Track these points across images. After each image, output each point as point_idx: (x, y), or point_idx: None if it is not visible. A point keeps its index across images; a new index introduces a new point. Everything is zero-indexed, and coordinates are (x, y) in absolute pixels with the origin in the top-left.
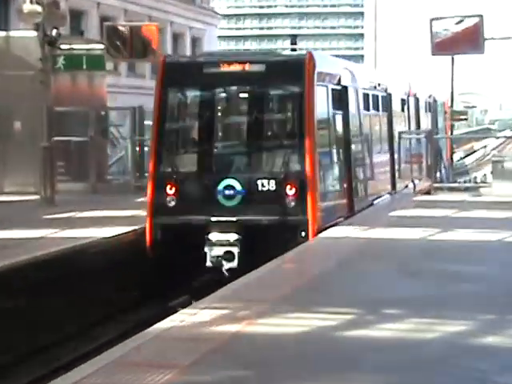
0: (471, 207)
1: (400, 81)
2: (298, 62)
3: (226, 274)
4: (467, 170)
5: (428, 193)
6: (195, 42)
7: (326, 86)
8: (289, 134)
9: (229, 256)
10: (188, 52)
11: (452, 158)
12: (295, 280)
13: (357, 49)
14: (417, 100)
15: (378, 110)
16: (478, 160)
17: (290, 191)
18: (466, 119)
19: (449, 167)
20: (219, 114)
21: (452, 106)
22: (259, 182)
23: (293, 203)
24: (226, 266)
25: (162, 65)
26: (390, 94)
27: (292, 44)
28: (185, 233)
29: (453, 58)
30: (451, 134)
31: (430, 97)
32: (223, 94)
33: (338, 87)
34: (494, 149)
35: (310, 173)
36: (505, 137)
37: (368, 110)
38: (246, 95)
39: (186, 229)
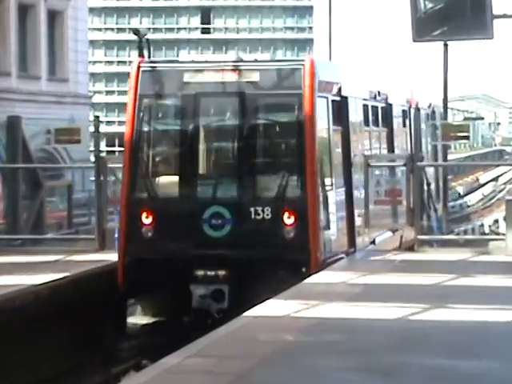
0: (474, 272)
1: (400, 86)
2: (297, 70)
3: (216, 315)
4: (469, 215)
5: (410, 249)
6: (54, 17)
7: (327, 98)
8: (286, 153)
9: (218, 295)
10: (43, 34)
11: (446, 197)
12: None
13: (302, 29)
14: (418, 111)
15: (377, 125)
16: (485, 199)
17: (289, 220)
18: (467, 137)
19: (441, 210)
20: (204, 130)
21: (445, 116)
22: (252, 210)
23: (292, 234)
24: (215, 307)
25: (137, 71)
26: (390, 105)
27: (204, 23)
28: (165, 269)
29: (446, 45)
30: (444, 159)
31: (429, 106)
32: (209, 107)
33: (338, 98)
34: (507, 182)
35: (311, 198)
36: None
37: (368, 125)
38: (236, 108)
39: (165, 264)
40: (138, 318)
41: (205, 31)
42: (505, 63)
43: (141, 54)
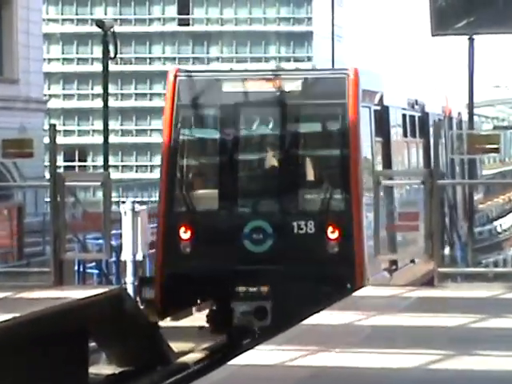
0: (506, 312)
1: (435, 93)
2: (340, 80)
3: (258, 333)
4: (500, 243)
5: (429, 283)
6: (0, 6)
7: (369, 108)
8: (330, 165)
9: (260, 312)
10: None
11: (472, 221)
12: None
13: (299, 21)
14: (451, 121)
15: (415, 136)
16: None
17: (333, 235)
18: (497, 149)
19: (467, 237)
20: (244, 142)
21: (471, 125)
22: (294, 224)
23: (336, 249)
24: (257, 324)
25: (174, 81)
26: (427, 114)
27: (181, 14)
28: (204, 285)
29: (471, 40)
30: (471, 176)
31: (459, 115)
32: (249, 118)
33: (380, 108)
34: None
35: (356, 212)
36: None
37: (406, 136)
38: (277, 119)
39: (205, 280)
40: (101, 368)
41: (182, 23)
42: None
43: (106, 50)
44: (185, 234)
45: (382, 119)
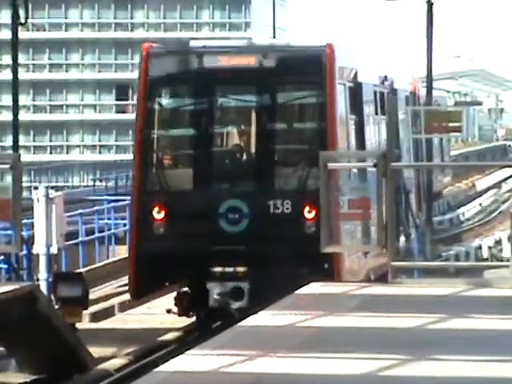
0: (468, 311)
1: (399, 67)
2: (317, 56)
3: (235, 315)
4: (462, 233)
5: (383, 279)
6: None
7: (344, 85)
8: (306, 142)
9: (237, 293)
10: None
11: (431, 209)
12: None
13: None
14: (415, 97)
15: (384, 113)
16: (484, 212)
17: (309, 214)
18: (458, 129)
19: (424, 227)
20: (219, 118)
21: (429, 100)
22: (270, 203)
23: (313, 229)
24: (235, 305)
25: (146, 55)
26: (395, 91)
27: None
28: (178, 266)
29: (430, 4)
30: (429, 158)
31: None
32: (225, 94)
33: (354, 85)
34: None
35: (334, 191)
36: None
37: (377, 113)
38: (253, 96)
39: (179, 261)
40: (10, 376)
41: None
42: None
43: (15, 15)
44: (158, 215)
45: (355, 96)
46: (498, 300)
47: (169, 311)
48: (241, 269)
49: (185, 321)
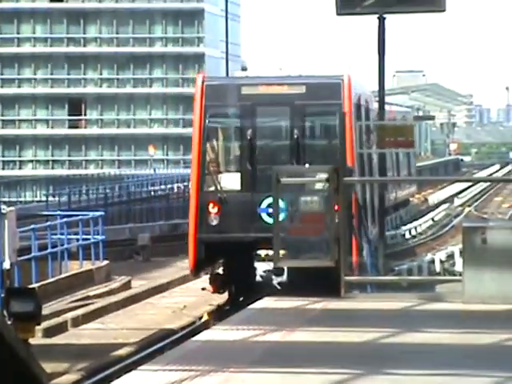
0: (420, 326)
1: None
2: (337, 83)
3: (278, 287)
4: (414, 248)
5: (335, 294)
6: None
7: (358, 107)
8: (328, 151)
9: (278, 270)
10: None
11: (383, 223)
12: None
13: None
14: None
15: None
16: (436, 226)
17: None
18: (411, 143)
19: (378, 241)
20: (259, 134)
21: (382, 114)
22: (301, 200)
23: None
24: (276, 280)
25: (202, 85)
26: (366, 107)
27: None
28: (231, 250)
29: (382, 20)
30: (381, 173)
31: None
32: (264, 115)
33: (362, 107)
34: (466, 203)
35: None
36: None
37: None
38: (286, 116)
39: (230, 246)
40: None
41: None
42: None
43: None
44: (213, 209)
45: (365, 116)
46: (451, 314)
47: (203, 289)
48: (281, 251)
49: (137, 336)
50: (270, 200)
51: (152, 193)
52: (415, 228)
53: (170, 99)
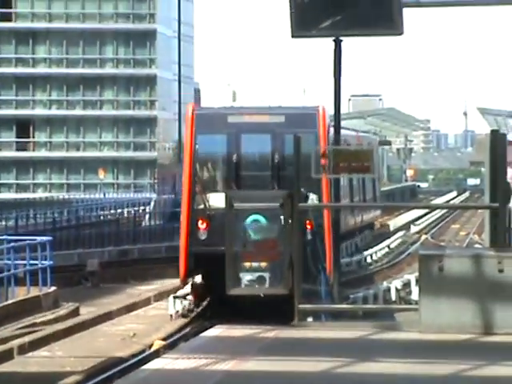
0: (376, 355)
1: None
2: (313, 114)
3: (260, 294)
4: (370, 275)
5: (288, 323)
6: None
7: (329, 134)
8: (307, 182)
9: (261, 280)
10: None
11: (338, 250)
12: None
13: (140, 17)
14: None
15: None
16: (391, 253)
17: (308, 226)
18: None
19: (334, 269)
20: (244, 158)
21: (337, 139)
22: (282, 217)
23: (309, 237)
24: (259, 289)
25: (192, 115)
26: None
27: (3, 8)
28: (218, 260)
29: (338, 42)
30: (336, 198)
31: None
32: (247, 141)
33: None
34: (422, 230)
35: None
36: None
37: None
38: (267, 142)
39: (217, 258)
40: None
41: (4, 18)
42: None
43: None
44: (202, 225)
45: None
46: (407, 343)
47: (185, 297)
48: (263, 264)
49: (85, 364)
50: (254, 217)
51: (101, 217)
52: (371, 255)
53: (120, 122)
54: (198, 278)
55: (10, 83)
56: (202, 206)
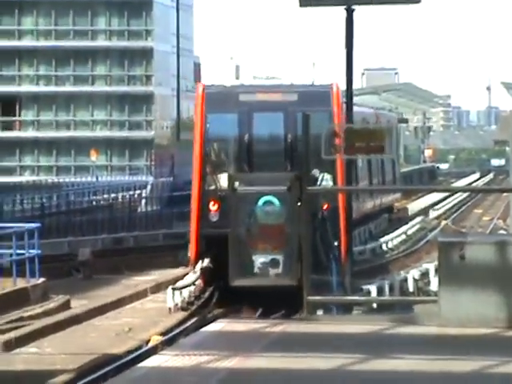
0: (393, 351)
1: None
2: (327, 91)
3: (274, 277)
4: (386, 265)
5: (297, 316)
6: None
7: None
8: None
9: (274, 263)
10: None
11: (351, 238)
12: None
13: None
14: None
15: None
16: (409, 241)
17: (324, 207)
18: (381, 149)
19: (347, 257)
20: (256, 138)
21: (350, 116)
22: (294, 199)
23: (320, 216)
24: (272, 271)
25: (202, 93)
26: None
27: None
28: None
29: (350, 12)
30: (348, 181)
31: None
32: (259, 120)
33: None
34: (442, 216)
35: (340, 192)
36: (469, 189)
37: None
38: (280, 121)
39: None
40: None
41: None
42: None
43: None
44: (213, 207)
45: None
46: (425, 338)
47: (194, 283)
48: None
49: (77, 361)
50: (265, 198)
51: (94, 203)
52: (386, 243)
53: (114, 99)
54: (206, 262)
55: None
56: (213, 187)
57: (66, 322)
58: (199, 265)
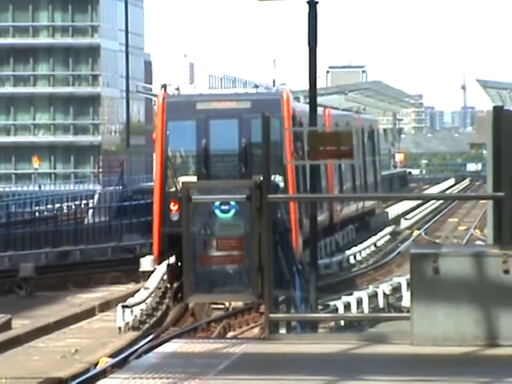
0: (360, 373)
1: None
2: (278, 98)
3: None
4: (354, 279)
5: (259, 335)
6: None
7: (294, 117)
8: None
9: (233, 278)
10: None
11: (315, 250)
12: None
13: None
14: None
15: None
16: (378, 253)
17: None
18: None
19: (311, 269)
20: (212, 142)
21: (313, 119)
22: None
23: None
24: (231, 287)
25: (163, 102)
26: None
27: None
28: None
29: (313, 4)
30: (312, 189)
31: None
32: (216, 126)
33: (298, 117)
34: (414, 225)
35: (291, 190)
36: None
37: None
38: (235, 126)
39: None
40: None
41: None
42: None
43: None
44: (173, 207)
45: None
46: (397, 358)
47: (163, 280)
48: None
49: (63, 369)
50: (223, 207)
51: (37, 214)
52: (354, 255)
53: (58, 101)
54: (172, 259)
55: None
56: (173, 189)
57: (6, 343)
58: (164, 263)
